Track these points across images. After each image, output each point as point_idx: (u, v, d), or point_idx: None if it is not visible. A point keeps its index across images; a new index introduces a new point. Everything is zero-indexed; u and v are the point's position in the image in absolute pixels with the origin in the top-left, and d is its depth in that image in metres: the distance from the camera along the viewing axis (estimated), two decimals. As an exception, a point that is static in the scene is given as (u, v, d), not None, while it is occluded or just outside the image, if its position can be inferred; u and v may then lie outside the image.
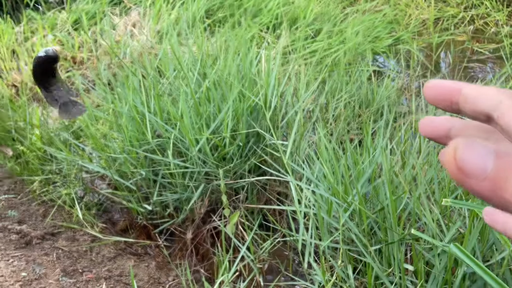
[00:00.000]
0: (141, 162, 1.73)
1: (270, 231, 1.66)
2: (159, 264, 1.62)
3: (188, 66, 1.98)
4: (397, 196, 1.22)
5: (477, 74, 2.57)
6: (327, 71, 2.52)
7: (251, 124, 1.77)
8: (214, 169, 1.66)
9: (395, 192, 1.30)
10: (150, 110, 1.81)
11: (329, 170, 1.37)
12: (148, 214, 1.78)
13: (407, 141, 1.66)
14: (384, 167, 1.22)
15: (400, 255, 1.17)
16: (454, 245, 0.96)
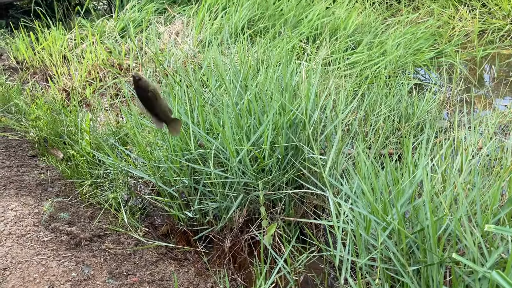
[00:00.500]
0: (184, 170, 1.80)
1: (306, 244, 1.68)
2: (198, 270, 1.68)
3: (229, 78, 2.04)
4: (438, 217, 1.22)
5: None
6: (367, 83, 2.52)
7: (290, 137, 1.81)
8: (253, 180, 1.70)
9: (435, 212, 1.30)
10: (193, 120, 1.88)
11: (368, 187, 1.38)
12: (189, 220, 1.85)
13: (448, 159, 1.64)
14: (425, 187, 1.22)
15: (440, 277, 1.16)
16: (496, 272, 0.96)
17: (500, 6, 3.03)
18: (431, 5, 3.23)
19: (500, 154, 1.61)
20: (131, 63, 3.26)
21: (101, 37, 3.82)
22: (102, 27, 3.92)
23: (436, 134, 2.14)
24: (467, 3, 3.16)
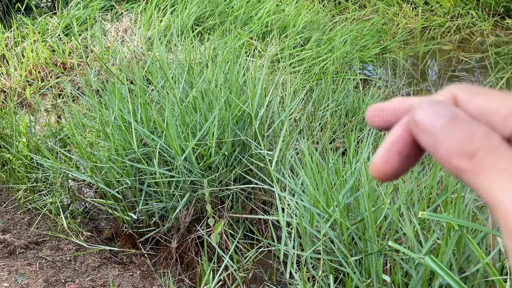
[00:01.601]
0: (127, 171, 1.74)
1: (255, 241, 1.67)
2: (143, 273, 1.62)
3: (174, 75, 1.99)
4: (376, 207, 1.24)
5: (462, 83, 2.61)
6: (315, 79, 2.55)
7: (237, 133, 1.79)
8: (200, 178, 1.67)
9: (375, 203, 1.32)
10: (136, 118, 1.82)
11: (311, 181, 1.38)
12: (134, 222, 1.78)
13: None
14: (363, 178, 1.24)
15: (379, 266, 1.18)
16: (429, 257, 0.98)
17: (441, 3, 3.16)
18: (376, 3, 3.32)
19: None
20: (76, 62, 3.13)
21: (43, 35, 3.64)
22: (45, 24, 3.74)
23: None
24: (411, 1, 3.27)
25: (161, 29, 3.18)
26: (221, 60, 2.15)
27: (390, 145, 0.27)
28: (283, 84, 2.21)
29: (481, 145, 0.23)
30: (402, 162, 0.27)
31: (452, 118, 0.24)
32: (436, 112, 0.24)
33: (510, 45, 2.75)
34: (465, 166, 0.23)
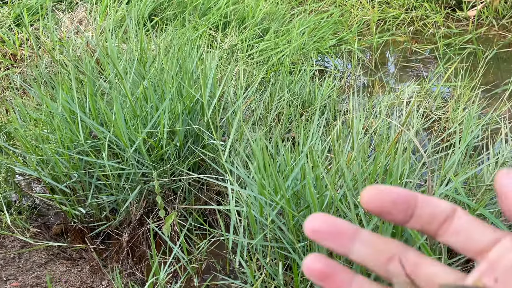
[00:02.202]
0: (76, 164, 1.69)
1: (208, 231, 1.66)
2: (93, 268, 1.59)
3: (124, 65, 1.94)
4: (320, 194, 1.25)
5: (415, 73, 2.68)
6: (272, 70, 2.55)
7: (189, 124, 1.77)
8: (151, 170, 1.64)
9: (321, 189, 1.34)
10: (84, 110, 1.77)
11: (259, 169, 1.39)
12: (84, 217, 1.74)
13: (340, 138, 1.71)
14: (307, 166, 1.25)
15: (324, 250, 1.20)
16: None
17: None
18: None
19: (385, 132, 1.71)
20: (27, 53, 3.00)
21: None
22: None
23: (335, 117, 2.23)
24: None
25: (117, 20, 3.09)
26: (175, 50, 2.11)
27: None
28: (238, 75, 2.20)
29: None
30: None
31: None
32: None
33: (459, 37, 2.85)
34: None
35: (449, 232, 0.31)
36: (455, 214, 0.31)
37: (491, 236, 0.30)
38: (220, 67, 2.31)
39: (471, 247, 0.30)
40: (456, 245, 0.31)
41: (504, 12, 2.99)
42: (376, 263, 0.32)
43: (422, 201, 0.31)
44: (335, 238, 0.32)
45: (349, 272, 0.32)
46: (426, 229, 0.31)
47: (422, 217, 0.31)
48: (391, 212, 0.31)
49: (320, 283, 0.32)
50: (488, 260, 0.30)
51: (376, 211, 0.31)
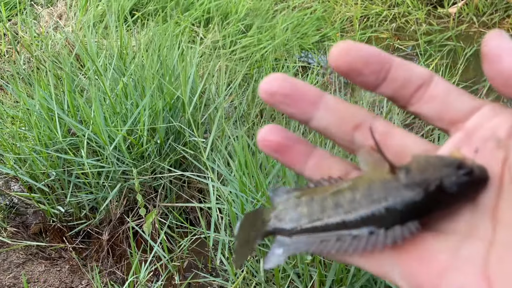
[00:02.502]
0: (54, 162, 1.66)
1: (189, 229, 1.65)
2: (73, 267, 1.56)
3: (105, 62, 1.91)
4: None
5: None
6: (255, 66, 2.54)
7: (170, 121, 1.75)
8: (131, 168, 1.62)
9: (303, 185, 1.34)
10: (63, 107, 1.73)
11: (240, 167, 1.38)
12: (64, 216, 1.71)
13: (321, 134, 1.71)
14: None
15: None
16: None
17: (380, -7, 3.24)
18: (319, -9, 3.36)
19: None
20: (4, 49, 2.93)
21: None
22: (-30, 8, 3.46)
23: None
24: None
25: (97, 14, 3.04)
26: (156, 46, 2.08)
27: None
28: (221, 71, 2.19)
29: None
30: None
31: None
32: None
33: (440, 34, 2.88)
34: None
35: (423, 99, 0.28)
36: (432, 80, 0.28)
37: (470, 104, 0.27)
38: (202, 63, 2.29)
39: (446, 115, 0.27)
40: (429, 114, 0.28)
41: (485, 9, 3.03)
42: (340, 132, 0.29)
43: (398, 64, 0.27)
44: (296, 102, 0.28)
45: (308, 144, 0.29)
46: (398, 95, 0.28)
47: (396, 81, 0.28)
48: (362, 72, 0.27)
49: (276, 155, 0.29)
50: (464, 130, 0.27)
51: (345, 70, 0.27)
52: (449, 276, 0.23)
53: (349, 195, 0.28)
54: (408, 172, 0.26)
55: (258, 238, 0.31)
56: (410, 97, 0.28)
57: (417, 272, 0.24)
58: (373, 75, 0.27)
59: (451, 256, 0.24)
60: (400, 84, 0.28)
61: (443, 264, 0.24)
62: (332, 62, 0.27)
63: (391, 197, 0.26)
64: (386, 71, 0.27)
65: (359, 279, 1.12)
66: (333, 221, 0.28)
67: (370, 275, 1.09)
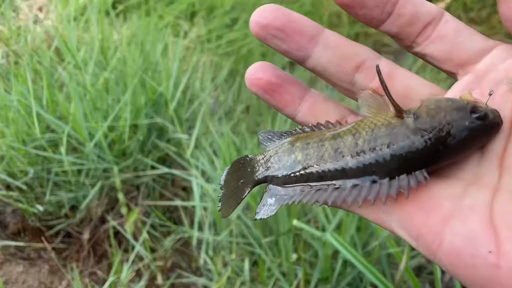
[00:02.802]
0: (33, 159, 1.60)
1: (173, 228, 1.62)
2: (52, 268, 1.52)
3: (85, 56, 1.86)
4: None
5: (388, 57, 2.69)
6: (242, 62, 2.51)
7: (153, 117, 1.70)
8: (113, 165, 1.57)
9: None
10: (41, 102, 1.68)
11: (225, 164, 1.35)
12: (43, 215, 1.66)
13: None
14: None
15: (289, 244, 1.18)
16: (330, 234, 0.98)
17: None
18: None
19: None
20: (-18, 43, 2.84)
21: None
22: None
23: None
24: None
25: (79, 7, 2.96)
26: (139, 40, 2.03)
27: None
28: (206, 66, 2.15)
29: None
30: None
31: None
32: None
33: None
34: None
35: (431, 38, 0.25)
36: (442, 18, 0.25)
37: (482, 44, 0.25)
38: (186, 57, 2.24)
39: (456, 56, 0.25)
40: (437, 55, 0.25)
41: (472, 5, 3.03)
42: (340, 72, 0.26)
43: (403, 2, 0.25)
44: (291, 36, 0.24)
45: (301, 85, 0.27)
46: (404, 33, 0.25)
47: (403, 16, 0.25)
48: (366, 3, 0.24)
49: (265, 96, 0.26)
50: (475, 72, 0.25)
51: (347, 2, 0.24)
52: (453, 224, 0.22)
53: (349, 140, 0.25)
54: (418, 117, 0.24)
55: (247, 188, 0.29)
56: (417, 35, 0.25)
57: (417, 220, 0.22)
58: (378, 8, 0.24)
59: (455, 204, 0.22)
60: (407, 21, 0.25)
61: (446, 211, 0.22)
62: None
63: (398, 143, 0.24)
64: (392, 4, 0.25)
65: (345, 277, 1.10)
66: (331, 167, 0.25)
67: (356, 273, 1.07)
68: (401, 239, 0.24)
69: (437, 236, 0.21)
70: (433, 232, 0.22)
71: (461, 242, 0.20)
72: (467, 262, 0.20)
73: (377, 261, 1.06)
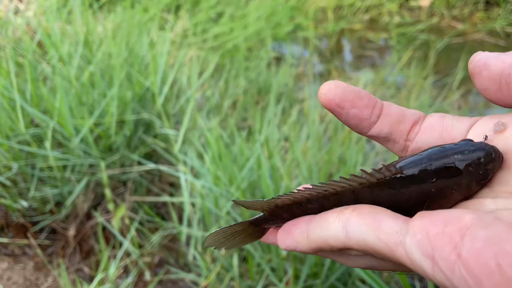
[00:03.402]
0: (17, 154, 1.57)
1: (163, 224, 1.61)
2: (38, 264, 1.50)
3: (70, 49, 1.82)
4: (276, 184, 1.23)
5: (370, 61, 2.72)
6: (228, 56, 2.50)
7: (140, 112, 1.69)
8: (99, 161, 1.56)
9: (277, 179, 1.32)
10: (24, 96, 1.64)
11: (214, 159, 1.35)
12: (27, 210, 1.63)
13: (295, 127, 1.70)
14: (262, 156, 1.23)
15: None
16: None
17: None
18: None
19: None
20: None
21: None
22: None
23: (291, 105, 2.21)
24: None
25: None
26: (124, 33, 2.00)
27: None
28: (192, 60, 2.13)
29: None
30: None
31: None
32: None
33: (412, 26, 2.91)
34: None
35: (421, 131, 0.28)
36: (426, 117, 0.28)
37: (468, 121, 0.27)
38: (172, 52, 2.22)
39: (448, 136, 0.27)
40: (430, 141, 0.28)
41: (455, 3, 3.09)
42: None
43: (387, 105, 0.28)
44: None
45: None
46: (395, 130, 0.28)
47: (391, 116, 0.27)
48: (356, 104, 0.26)
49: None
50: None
51: (336, 103, 0.26)
52: (474, 231, 0.21)
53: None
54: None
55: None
56: (408, 131, 0.28)
57: (433, 231, 0.21)
58: (367, 109, 0.27)
59: (477, 215, 0.21)
60: (396, 120, 0.28)
61: (466, 222, 0.21)
62: (322, 96, 0.27)
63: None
64: (379, 109, 0.27)
65: (334, 273, 1.12)
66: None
67: (344, 269, 1.09)
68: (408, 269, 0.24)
69: (455, 246, 0.20)
70: (451, 244, 0.21)
71: (483, 244, 0.19)
72: (490, 264, 0.19)
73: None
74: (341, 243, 0.26)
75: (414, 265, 0.22)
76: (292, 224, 0.29)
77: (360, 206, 0.26)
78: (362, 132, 0.28)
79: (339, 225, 0.25)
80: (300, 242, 0.28)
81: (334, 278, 1.09)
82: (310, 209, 0.28)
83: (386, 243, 0.23)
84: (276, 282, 1.15)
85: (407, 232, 0.23)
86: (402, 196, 0.25)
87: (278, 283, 1.15)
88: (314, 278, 1.13)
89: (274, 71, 2.30)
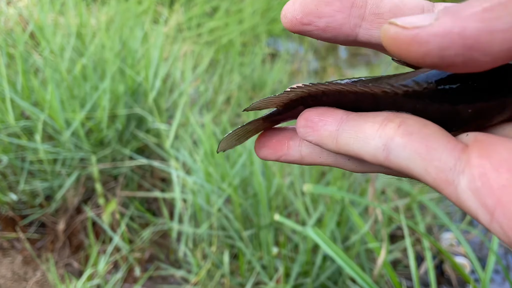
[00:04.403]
0: (6, 147, 1.55)
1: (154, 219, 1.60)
2: (26, 258, 1.48)
3: (62, 41, 1.80)
4: (269, 181, 1.23)
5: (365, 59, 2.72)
6: (223, 51, 2.48)
7: (133, 106, 1.67)
8: (90, 155, 1.54)
9: (270, 177, 1.32)
10: (15, 88, 1.62)
11: (206, 156, 1.34)
12: (16, 204, 1.61)
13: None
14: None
15: (269, 238, 1.19)
16: (311, 229, 0.99)
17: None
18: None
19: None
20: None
21: None
22: None
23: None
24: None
25: (55, -11, 2.85)
26: (118, 26, 1.98)
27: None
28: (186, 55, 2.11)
29: None
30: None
31: None
32: None
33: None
34: None
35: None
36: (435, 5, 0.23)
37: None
38: (166, 46, 2.20)
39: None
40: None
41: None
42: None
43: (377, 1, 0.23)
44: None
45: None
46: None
47: (384, 13, 0.23)
48: (323, 12, 0.22)
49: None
50: None
51: (299, 21, 0.23)
52: None
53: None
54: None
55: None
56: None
57: (496, 183, 0.17)
58: (341, 13, 0.22)
59: None
60: (391, 15, 0.23)
61: None
62: (283, 18, 0.23)
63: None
64: (360, 6, 0.23)
65: (324, 272, 1.12)
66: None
67: (335, 267, 1.09)
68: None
69: None
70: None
71: None
72: None
73: (356, 256, 1.08)
74: (378, 162, 0.22)
75: (466, 209, 0.19)
76: (317, 115, 0.24)
77: (407, 120, 0.21)
78: (349, 42, 0.24)
79: (380, 142, 0.21)
80: (326, 144, 0.24)
81: (325, 276, 1.09)
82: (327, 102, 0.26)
83: (435, 178, 0.19)
84: (267, 280, 1.15)
85: (463, 171, 0.19)
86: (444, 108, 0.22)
87: (269, 281, 1.15)
88: (304, 277, 1.13)
89: (268, 67, 2.29)
